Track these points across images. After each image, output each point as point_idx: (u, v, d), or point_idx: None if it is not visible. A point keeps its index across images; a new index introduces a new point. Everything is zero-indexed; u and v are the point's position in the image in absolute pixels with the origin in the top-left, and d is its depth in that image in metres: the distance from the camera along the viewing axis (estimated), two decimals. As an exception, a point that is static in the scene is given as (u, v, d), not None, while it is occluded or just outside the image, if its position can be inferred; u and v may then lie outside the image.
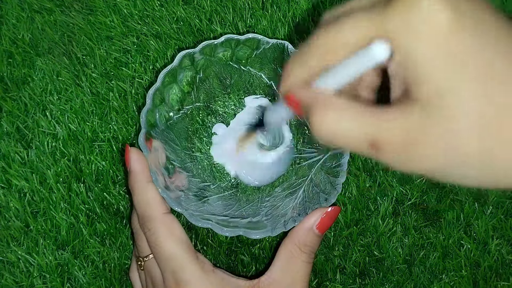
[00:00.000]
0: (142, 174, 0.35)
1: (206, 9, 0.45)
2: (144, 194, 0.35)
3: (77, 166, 0.41)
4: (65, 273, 0.39)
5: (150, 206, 0.35)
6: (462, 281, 0.40)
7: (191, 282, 0.33)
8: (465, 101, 0.18)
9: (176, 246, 0.34)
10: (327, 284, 0.40)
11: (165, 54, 0.43)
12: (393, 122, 0.19)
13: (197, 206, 0.37)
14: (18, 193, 0.40)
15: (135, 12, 0.44)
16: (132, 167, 0.35)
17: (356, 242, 0.40)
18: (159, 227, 0.34)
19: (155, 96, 0.37)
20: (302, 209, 0.37)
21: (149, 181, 0.35)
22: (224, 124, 0.42)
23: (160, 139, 0.37)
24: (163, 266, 0.34)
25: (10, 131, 0.41)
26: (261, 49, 0.39)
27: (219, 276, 0.34)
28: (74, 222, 0.39)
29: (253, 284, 0.35)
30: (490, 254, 0.40)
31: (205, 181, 0.40)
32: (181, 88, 0.39)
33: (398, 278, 0.40)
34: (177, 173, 0.38)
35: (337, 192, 0.36)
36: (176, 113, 0.39)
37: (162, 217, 0.34)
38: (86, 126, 0.41)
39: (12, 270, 0.38)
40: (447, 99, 0.18)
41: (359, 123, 0.20)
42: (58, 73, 0.42)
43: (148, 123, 0.36)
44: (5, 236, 0.39)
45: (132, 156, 0.35)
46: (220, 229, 0.35)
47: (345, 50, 0.21)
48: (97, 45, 0.43)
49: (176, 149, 0.39)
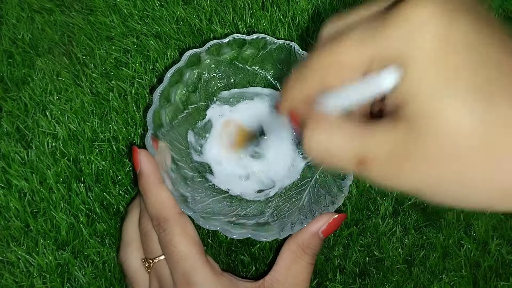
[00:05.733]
0: (154, 175, 0.35)
1: (206, 9, 0.45)
2: (157, 195, 0.35)
3: (77, 166, 0.41)
4: (65, 273, 0.39)
5: (166, 207, 0.35)
6: (462, 281, 0.40)
7: (202, 284, 0.33)
8: (452, 122, 0.17)
9: (190, 247, 0.34)
10: (327, 284, 0.40)
11: (165, 54, 0.43)
12: (380, 139, 0.19)
13: (204, 208, 0.37)
14: (18, 193, 0.40)
15: (135, 12, 0.44)
16: (142, 169, 0.35)
17: (356, 242, 0.40)
18: (175, 227, 0.34)
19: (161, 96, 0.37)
20: (308, 211, 0.37)
21: (161, 182, 0.35)
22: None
23: (165, 139, 0.37)
24: (175, 267, 0.34)
25: (10, 131, 0.41)
26: (267, 49, 0.39)
27: (227, 279, 0.35)
28: (74, 222, 0.39)
29: (258, 285, 0.35)
30: (490, 254, 0.40)
31: (209, 181, 0.40)
32: (186, 87, 0.39)
33: (398, 278, 0.40)
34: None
35: (343, 195, 0.36)
36: (181, 113, 0.39)
37: (178, 218, 0.34)
38: (86, 126, 0.41)
39: (12, 270, 0.38)
40: (434, 119, 0.18)
41: (349, 140, 0.20)
42: (58, 73, 0.42)
43: (154, 124, 0.36)
44: (5, 236, 0.39)
45: (141, 157, 0.35)
46: (228, 232, 0.35)
47: (346, 71, 0.21)
48: (97, 45, 0.43)
49: (181, 149, 0.39)
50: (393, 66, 0.19)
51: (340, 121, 0.21)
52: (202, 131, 0.41)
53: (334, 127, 0.21)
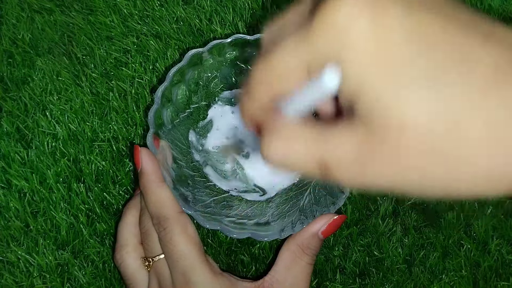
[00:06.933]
0: (155, 174, 0.35)
1: (206, 9, 0.45)
2: (158, 194, 0.35)
3: (77, 166, 0.41)
4: (65, 273, 0.39)
5: (166, 206, 0.35)
6: (462, 281, 0.40)
7: (201, 283, 0.33)
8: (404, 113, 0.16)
9: (189, 246, 0.34)
10: (327, 284, 0.40)
11: (165, 54, 0.43)
12: (339, 141, 0.18)
13: (205, 207, 0.37)
14: (18, 193, 0.40)
15: (135, 12, 0.44)
16: (143, 168, 0.35)
17: (356, 242, 0.40)
18: (175, 226, 0.34)
19: (163, 95, 0.37)
20: (309, 212, 0.37)
21: (162, 181, 0.35)
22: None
23: (167, 138, 0.37)
24: (174, 266, 0.34)
25: (10, 131, 0.41)
26: None
27: (227, 279, 0.35)
28: (74, 222, 0.39)
29: (257, 285, 0.35)
30: (490, 254, 0.40)
31: (210, 180, 0.40)
32: (188, 87, 0.39)
33: (398, 278, 0.40)
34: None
35: (345, 195, 0.36)
36: (182, 112, 0.39)
37: (178, 217, 0.35)
38: (86, 126, 0.41)
39: (12, 270, 0.38)
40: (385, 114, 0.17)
41: (308, 146, 0.19)
42: (58, 73, 0.42)
43: (156, 123, 0.36)
44: (5, 236, 0.39)
45: (143, 156, 0.35)
46: (228, 231, 0.35)
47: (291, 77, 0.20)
48: (97, 45, 0.43)
49: (182, 149, 0.39)
50: (331, 66, 0.18)
51: (298, 127, 0.20)
52: (203, 130, 0.41)
53: (291, 133, 0.20)
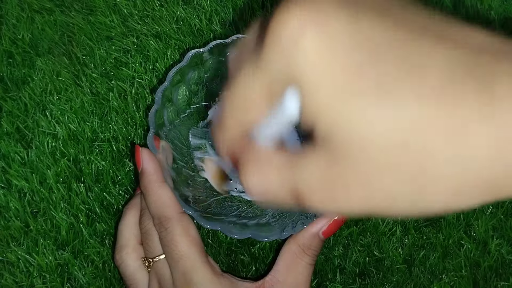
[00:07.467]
0: (156, 174, 0.35)
1: (206, 9, 0.45)
2: (159, 194, 0.35)
3: (77, 166, 0.41)
4: (65, 273, 0.39)
5: (167, 206, 0.35)
6: (462, 281, 0.40)
7: (201, 284, 0.33)
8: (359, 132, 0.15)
9: (190, 246, 0.34)
10: (327, 284, 0.40)
11: (165, 54, 0.43)
12: (308, 168, 0.17)
13: (205, 207, 0.37)
14: (18, 193, 0.40)
15: (135, 12, 0.44)
16: (144, 168, 0.35)
17: (356, 242, 0.40)
18: (176, 227, 0.34)
19: (163, 95, 0.37)
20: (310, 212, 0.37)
21: (163, 181, 0.35)
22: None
23: (167, 139, 0.37)
24: (175, 266, 0.34)
25: (10, 131, 0.41)
26: None
27: (227, 279, 0.35)
28: (74, 222, 0.39)
29: (258, 286, 0.35)
30: (490, 254, 0.40)
31: None
32: (188, 87, 0.39)
33: (398, 278, 0.40)
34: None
35: None
36: (183, 113, 0.39)
37: (179, 217, 0.34)
38: (86, 126, 0.41)
39: (12, 270, 0.38)
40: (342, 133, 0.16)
41: (280, 174, 0.18)
42: (58, 73, 0.42)
43: (156, 123, 0.36)
44: (5, 236, 0.39)
45: (143, 156, 0.35)
46: (229, 231, 0.35)
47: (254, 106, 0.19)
48: (97, 45, 0.43)
49: (182, 149, 0.39)
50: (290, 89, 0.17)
51: (271, 156, 0.19)
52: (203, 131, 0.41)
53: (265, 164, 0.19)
